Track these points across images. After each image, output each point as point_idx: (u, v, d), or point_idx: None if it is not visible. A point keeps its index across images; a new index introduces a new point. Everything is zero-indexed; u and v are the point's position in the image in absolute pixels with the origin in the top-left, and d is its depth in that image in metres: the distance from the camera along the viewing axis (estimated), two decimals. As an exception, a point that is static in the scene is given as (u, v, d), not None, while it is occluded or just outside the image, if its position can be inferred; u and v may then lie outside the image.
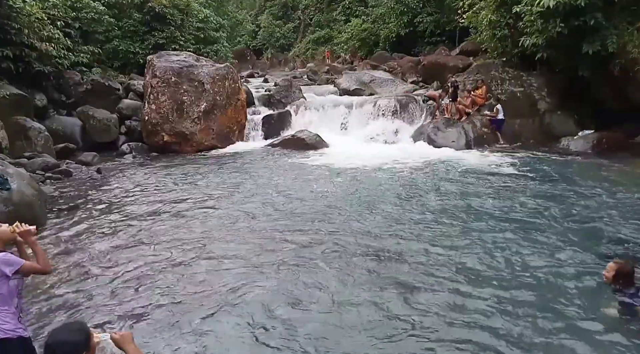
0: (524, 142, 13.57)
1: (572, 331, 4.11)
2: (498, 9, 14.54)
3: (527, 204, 7.81)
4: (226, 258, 5.94)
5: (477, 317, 4.35)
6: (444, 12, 24.34)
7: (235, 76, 15.61)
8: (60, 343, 2.12)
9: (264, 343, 4.11)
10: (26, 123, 11.89)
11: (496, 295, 4.74)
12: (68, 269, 5.74)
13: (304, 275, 5.36)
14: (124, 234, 6.93)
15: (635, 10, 12.31)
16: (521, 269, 5.34)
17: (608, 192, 8.39)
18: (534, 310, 4.44)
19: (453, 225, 6.88)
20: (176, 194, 9.22)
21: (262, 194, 8.99)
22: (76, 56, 15.34)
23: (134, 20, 19.86)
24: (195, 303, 4.81)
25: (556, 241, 6.13)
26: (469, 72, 15.90)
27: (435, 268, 5.45)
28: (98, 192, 9.49)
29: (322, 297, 4.85)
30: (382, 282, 5.13)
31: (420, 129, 14.71)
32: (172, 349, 4.05)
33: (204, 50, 21.00)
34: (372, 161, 11.66)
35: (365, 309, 4.56)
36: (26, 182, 7.70)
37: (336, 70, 26.21)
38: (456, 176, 10.09)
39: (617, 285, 4.35)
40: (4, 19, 12.51)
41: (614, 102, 13.16)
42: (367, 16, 32.13)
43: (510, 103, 14.37)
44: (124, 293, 5.09)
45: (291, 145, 14.10)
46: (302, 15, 43.68)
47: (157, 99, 14.28)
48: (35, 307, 4.78)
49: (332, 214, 7.59)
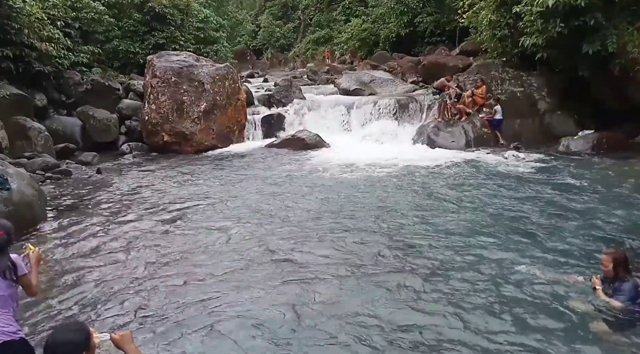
0: (524, 142, 13.57)
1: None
2: (498, 9, 14.53)
3: (527, 203, 7.82)
4: (226, 258, 5.94)
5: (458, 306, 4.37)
6: (444, 12, 24.37)
7: (235, 76, 15.61)
8: (60, 343, 2.12)
9: (270, 342, 4.11)
10: (26, 123, 11.89)
11: (485, 290, 4.76)
12: (67, 269, 5.74)
13: (304, 274, 5.37)
14: (124, 234, 6.93)
15: (635, 10, 12.30)
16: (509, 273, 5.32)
17: (608, 192, 8.39)
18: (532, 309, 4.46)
19: (452, 224, 6.88)
20: (176, 194, 9.22)
21: (262, 195, 8.99)
22: (76, 56, 15.35)
23: (134, 20, 19.87)
24: (196, 302, 4.81)
25: (555, 240, 6.13)
26: (469, 72, 15.90)
27: (440, 267, 5.46)
28: (98, 192, 9.50)
29: (321, 294, 4.86)
30: (380, 279, 5.14)
31: (420, 129, 14.70)
32: (173, 349, 4.05)
33: (204, 50, 21.02)
34: (372, 161, 11.66)
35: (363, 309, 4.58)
36: (26, 182, 7.71)
37: (336, 70, 26.23)
38: (456, 176, 10.10)
39: (618, 275, 4.23)
40: (4, 19, 12.51)
41: (614, 102, 13.15)
42: (367, 16, 32.16)
43: (510, 103, 14.36)
44: (124, 293, 5.09)
45: (291, 145, 14.10)
46: (302, 15, 43.73)
47: (157, 99, 14.28)
48: (35, 307, 4.77)
49: (332, 213, 7.60)
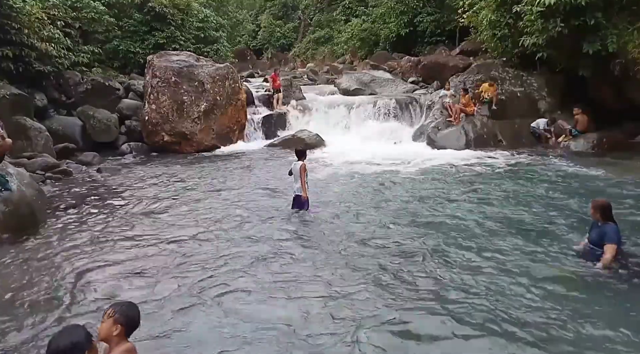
0: (524, 142, 13.58)
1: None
2: (498, 9, 14.53)
3: (526, 203, 7.81)
4: (226, 258, 5.93)
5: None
6: (444, 12, 24.36)
7: (235, 76, 15.62)
8: (62, 346, 2.12)
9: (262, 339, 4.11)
10: (26, 123, 11.88)
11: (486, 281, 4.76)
12: (68, 269, 5.74)
13: (303, 272, 5.38)
14: (124, 234, 6.93)
15: (635, 10, 12.30)
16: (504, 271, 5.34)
17: (608, 192, 8.37)
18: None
19: (452, 222, 6.89)
20: (176, 194, 9.22)
21: (262, 194, 9.00)
22: (76, 56, 15.35)
23: (134, 20, 19.86)
24: (196, 303, 4.81)
25: (554, 239, 6.13)
26: (469, 72, 15.91)
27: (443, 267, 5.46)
28: (98, 192, 9.49)
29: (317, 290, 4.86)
30: (377, 277, 5.14)
31: (420, 129, 14.73)
32: (175, 349, 4.05)
33: (204, 50, 21.02)
34: (371, 161, 11.67)
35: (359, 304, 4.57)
36: (26, 182, 7.71)
37: (336, 70, 26.22)
38: (455, 176, 10.10)
39: (602, 219, 5.30)
40: (4, 19, 12.50)
41: (614, 102, 13.16)
42: (367, 16, 32.14)
43: (510, 103, 14.38)
44: (124, 293, 5.09)
45: (291, 145, 14.05)
46: (302, 15, 43.72)
47: (157, 99, 14.29)
48: (35, 309, 4.77)
49: (332, 213, 7.60)
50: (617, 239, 5.22)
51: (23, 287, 5.26)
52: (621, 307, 4.49)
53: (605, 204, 5.38)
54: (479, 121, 14.01)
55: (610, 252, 5.10)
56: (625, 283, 4.92)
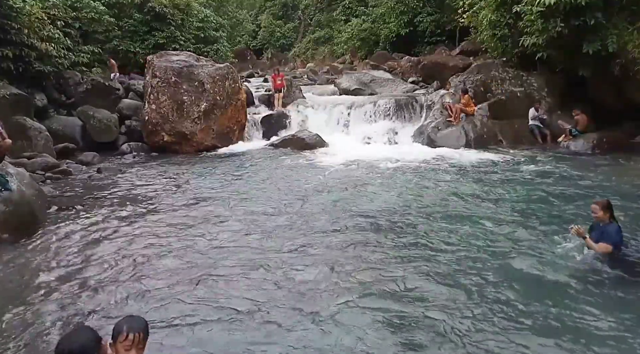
0: (524, 142, 13.58)
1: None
2: (498, 9, 14.52)
3: (526, 203, 7.82)
4: (226, 257, 5.94)
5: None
6: (444, 12, 24.37)
7: (235, 76, 15.60)
8: (73, 350, 2.13)
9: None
10: (26, 123, 11.88)
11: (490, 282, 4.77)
12: (68, 269, 5.74)
13: (304, 272, 5.38)
14: (124, 234, 6.93)
15: (635, 10, 12.30)
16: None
17: (607, 192, 8.36)
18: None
19: (451, 221, 6.90)
20: (176, 194, 9.22)
21: (262, 194, 8.99)
22: (76, 56, 15.35)
23: (134, 20, 19.88)
24: (196, 302, 4.81)
25: (553, 238, 6.14)
26: (469, 72, 15.90)
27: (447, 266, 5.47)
28: (98, 192, 9.49)
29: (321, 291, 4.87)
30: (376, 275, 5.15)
31: (420, 129, 14.72)
32: (176, 349, 4.06)
33: (204, 50, 21.04)
34: (372, 161, 11.66)
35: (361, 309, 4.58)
36: (26, 182, 7.71)
37: (336, 70, 26.23)
38: (456, 176, 10.09)
39: (607, 219, 5.28)
40: (4, 19, 12.49)
41: (614, 102, 13.16)
42: (367, 16, 32.14)
43: (510, 103, 14.38)
44: (124, 293, 5.09)
45: (291, 145, 14.11)
46: (302, 15, 43.75)
47: (157, 99, 14.28)
48: (37, 310, 4.77)
49: (332, 213, 7.60)
50: (619, 239, 5.25)
51: (23, 287, 5.27)
52: (621, 307, 4.50)
53: (610, 203, 5.43)
54: (479, 121, 14.00)
55: (602, 250, 5.16)
56: (625, 282, 4.92)
